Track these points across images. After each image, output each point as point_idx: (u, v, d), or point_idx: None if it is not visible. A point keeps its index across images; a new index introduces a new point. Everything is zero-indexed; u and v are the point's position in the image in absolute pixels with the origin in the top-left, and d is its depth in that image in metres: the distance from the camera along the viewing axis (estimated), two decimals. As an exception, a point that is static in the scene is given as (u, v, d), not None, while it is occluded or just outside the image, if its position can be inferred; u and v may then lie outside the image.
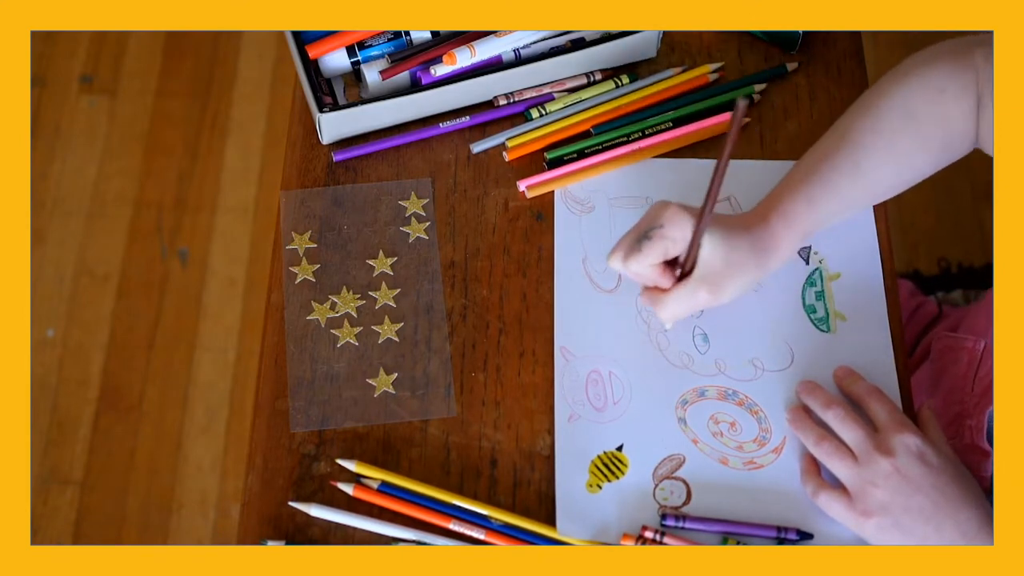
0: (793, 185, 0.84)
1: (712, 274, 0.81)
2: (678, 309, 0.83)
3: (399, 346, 0.88)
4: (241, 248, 1.81)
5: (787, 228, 0.83)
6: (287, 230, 0.93)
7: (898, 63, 0.87)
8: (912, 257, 1.70)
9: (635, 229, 0.82)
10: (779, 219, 0.83)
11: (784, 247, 0.83)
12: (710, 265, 0.80)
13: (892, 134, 0.84)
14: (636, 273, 0.82)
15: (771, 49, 1.01)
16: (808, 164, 0.85)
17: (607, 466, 0.83)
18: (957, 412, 0.92)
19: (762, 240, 0.82)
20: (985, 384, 0.91)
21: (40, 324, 1.75)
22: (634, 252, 0.80)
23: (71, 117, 1.92)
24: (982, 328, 0.94)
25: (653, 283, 0.83)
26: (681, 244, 0.80)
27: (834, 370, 0.86)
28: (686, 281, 0.82)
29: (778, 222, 0.83)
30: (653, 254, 0.80)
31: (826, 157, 0.85)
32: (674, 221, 0.79)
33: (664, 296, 0.83)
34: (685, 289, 0.81)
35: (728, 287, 0.81)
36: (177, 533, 1.62)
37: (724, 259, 0.80)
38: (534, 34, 0.96)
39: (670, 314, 0.83)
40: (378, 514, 0.81)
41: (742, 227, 0.82)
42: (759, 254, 0.82)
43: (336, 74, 0.97)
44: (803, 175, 0.85)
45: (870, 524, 0.77)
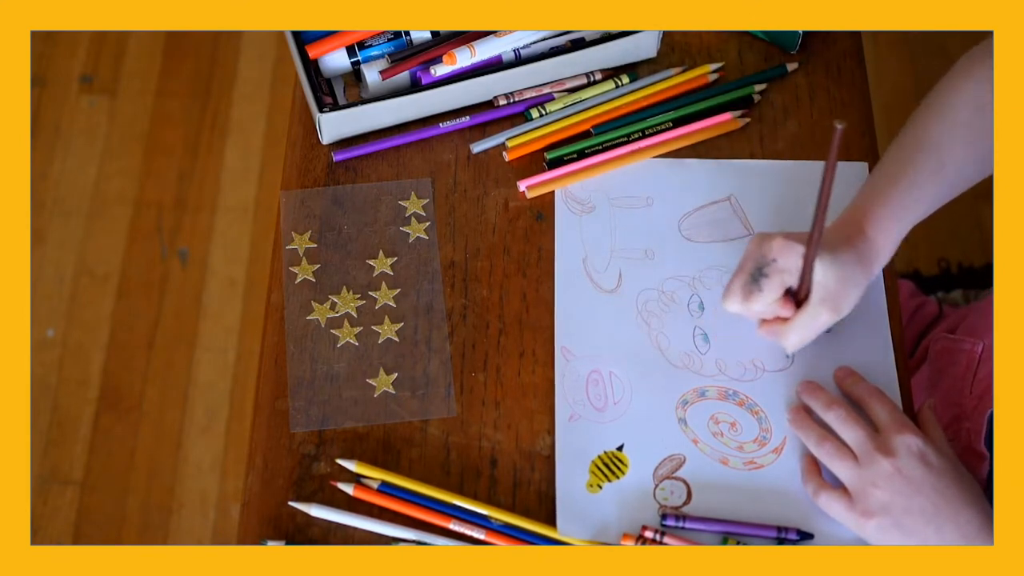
0: (882, 190, 0.85)
1: (829, 295, 0.81)
2: (804, 335, 0.83)
3: (399, 346, 0.88)
4: (241, 248, 1.81)
5: (885, 236, 0.84)
6: (287, 230, 0.93)
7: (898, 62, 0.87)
8: (912, 257, 1.70)
9: (744, 268, 0.82)
10: (876, 228, 0.83)
11: (885, 254, 0.84)
12: (826, 287, 0.81)
13: (967, 128, 0.84)
14: (757, 312, 0.83)
15: (771, 49, 1.01)
16: (891, 168, 0.86)
17: (607, 466, 0.83)
18: (955, 415, 0.92)
19: (866, 252, 0.83)
20: (983, 387, 0.91)
21: (40, 324, 1.74)
22: (754, 292, 0.81)
23: (71, 117, 1.92)
24: (980, 330, 0.94)
25: (772, 315, 0.84)
26: (796, 273, 0.81)
27: (834, 370, 0.86)
28: (805, 307, 0.82)
29: (876, 231, 0.83)
30: (774, 291, 0.81)
31: (909, 160, 0.85)
32: (784, 253, 0.80)
33: (787, 327, 0.83)
34: (807, 315, 0.82)
35: (846, 302, 0.82)
36: (177, 533, 1.62)
37: (837, 278, 0.81)
38: (534, 34, 0.96)
39: (796, 342, 0.84)
40: (378, 514, 0.81)
41: (845, 243, 0.82)
42: (865, 265, 0.83)
43: (336, 74, 0.97)
44: (889, 180, 0.85)
45: (870, 525, 0.77)
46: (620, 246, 0.92)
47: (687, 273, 0.91)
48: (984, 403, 0.90)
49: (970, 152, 0.85)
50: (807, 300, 0.82)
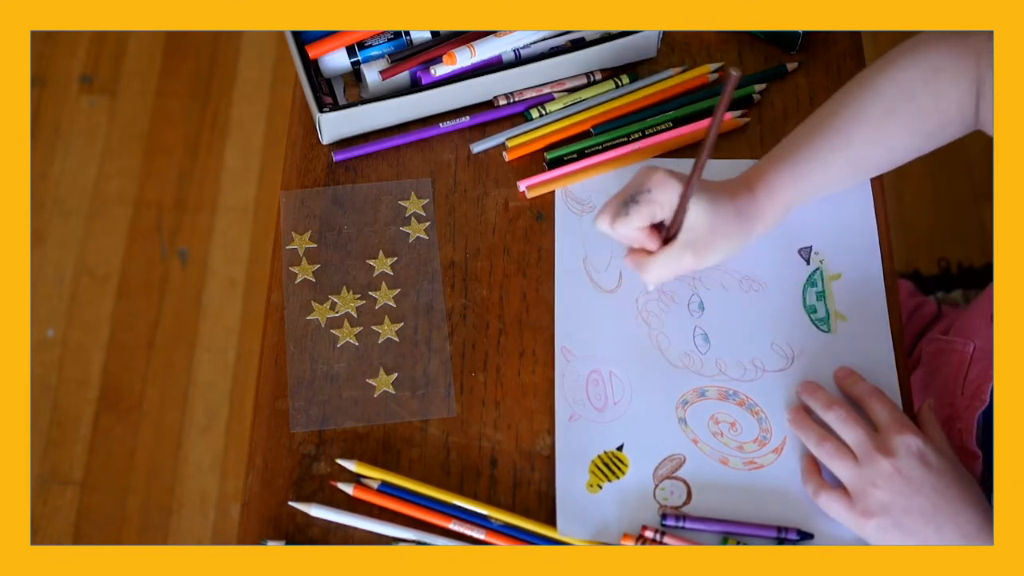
0: (781, 156, 0.85)
1: (697, 239, 0.82)
2: (662, 272, 0.84)
3: (399, 346, 0.88)
4: (241, 248, 1.81)
5: (771, 198, 0.84)
6: (287, 230, 0.93)
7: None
8: (912, 257, 1.70)
9: (623, 192, 0.83)
10: (764, 189, 0.84)
11: (768, 216, 0.85)
12: (695, 231, 0.82)
13: (885, 112, 0.85)
14: (622, 235, 0.83)
15: (771, 49, 1.01)
16: (798, 136, 0.86)
17: (607, 466, 0.83)
18: (948, 415, 0.92)
19: (746, 209, 0.83)
20: (974, 387, 0.91)
21: (40, 324, 1.75)
22: (621, 215, 0.82)
23: (71, 117, 1.92)
24: (972, 330, 0.94)
25: (639, 245, 0.84)
26: (668, 209, 0.81)
27: (835, 370, 0.86)
28: (671, 245, 0.83)
29: (763, 192, 0.84)
30: (640, 218, 0.81)
31: (816, 130, 0.85)
32: (662, 186, 0.81)
33: (649, 259, 0.84)
34: (670, 253, 0.83)
35: (711, 252, 0.83)
36: (177, 533, 1.62)
37: (709, 225, 0.81)
38: (534, 34, 0.96)
39: (654, 277, 0.85)
40: (378, 514, 0.81)
41: (727, 194, 0.83)
42: (743, 222, 0.83)
43: (336, 74, 0.97)
44: (792, 147, 0.86)
45: (870, 525, 0.77)
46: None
47: (687, 273, 0.91)
48: (975, 403, 0.90)
49: (881, 137, 0.85)
50: (674, 239, 0.82)
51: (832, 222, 0.92)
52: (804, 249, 0.91)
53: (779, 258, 0.91)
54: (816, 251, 0.91)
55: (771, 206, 0.84)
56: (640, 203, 0.81)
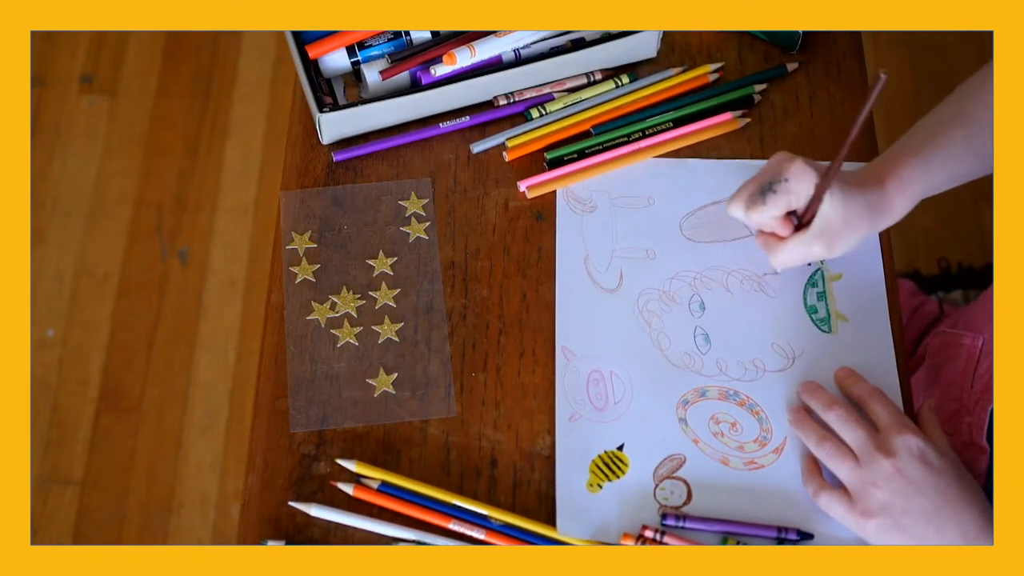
0: (909, 149, 0.86)
1: (829, 229, 0.83)
2: (792, 257, 0.86)
3: (399, 346, 0.88)
4: (241, 248, 1.81)
5: (901, 191, 0.85)
6: (287, 230, 0.93)
7: (898, 62, 0.87)
8: (912, 257, 1.70)
9: (758, 178, 0.84)
10: (894, 182, 0.84)
11: (897, 209, 0.85)
12: (828, 221, 0.83)
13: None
14: (756, 222, 0.85)
15: (771, 49, 1.01)
16: (923, 130, 0.87)
17: (608, 466, 0.83)
18: (955, 409, 0.92)
19: (878, 201, 0.84)
20: (984, 381, 0.91)
21: (40, 324, 1.74)
22: (757, 203, 0.83)
23: (71, 117, 1.92)
24: (980, 324, 0.94)
25: (770, 230, 0.86)
26: (804, 198, 0.83)
27: (835, 371, 0.86)
28: (803, 232, 0.84)
29: (893, 185, 0.84)
30: (777, 207, 0.83)
31: (942, 125, 0.86)
32: (800, 176, 0.82)
33: (780, 244, 0.85)
34: (802, 240, 0.84)
35: (842, 243, 0.84)
36: (177, 533, 1.62)
37: (842, 217, 0.83)
38: (534, 34, 0.96)
39: (783, 261, 0.86)
40: (378, 514, 0.81)
41: (859, 187, 0.84)
42: (874, 214, 0.84)
43: (336, 74, 0.97)
44: (919, 141, 0.86)
45: (871, 525, 0.77)
46: (621, 246, 0.92)
47: (688, 273, 0.91)
48: (986, 397, 0.90)
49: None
50: (807, 227, 0.84)
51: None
52: (804, 249, 0.91)
53: (779, 258, 0.91)
54: (816, 251, 0.91)
55: (901, 199, 0.85)
56: (777, 192, 0.82)
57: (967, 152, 0.86)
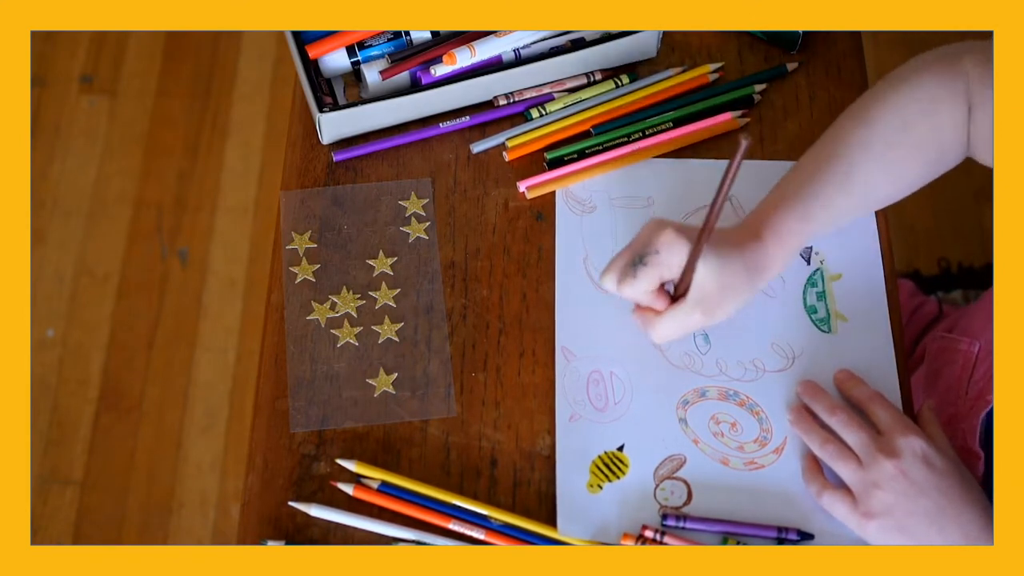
0: (785, 199, 0.83)
1: (706, 297, 0.80)
2: (671, 331, 0.82)
3: (399, 346, 0.88)
4: (241, 248, 1.81)
5: (780, 245, 0.82)
6: (287, 230, 0.93)
7: (898, 63, 0.87)
8: (912, 257, 1.70)
9: (629, 250, 0.81)
10: (772, 236, 0.82)
11: (777, 264, 0.83)
12: (704, 289, 0.80)
13: (885, 145, 0.83)
14: (629, 297, 0.82)
15: (771, 49, 1.01)
16: (800, 176, 0.84)
17: (608, 466, 0.83)
18: (951, 414, 0.92)
19: (755, 259, 0.81)
20: (979, 388, 0.91)
21: (40, 324, 1.74)
22: (628, 277, 0.80)
23: (71, 117, 1.92)
24: (977, 330, 0.94)
25: (646, 304, 0.83)
26: (676, 269, 0.79)
27: (835, 373, 0.86)
28: (680, 304, 0.81)
29: (771, 239, 0.82)
30: (648, 281, 0.80)
31: (818, 169, 0.83)
32: (670, 247, 0.79)
33: (658, 318, 0.82)
34: (679, 312, 0.81)
35: (721, 309, 0.81)
36: (177, 533, 1.62)
37: (718, 282, 0.79)
38: (534, 34, 0.96)
39: (663, 335, 0.83)
40: (378, 514, 0.81)
41: (735, 246, 0.81)
42: (752, 273, 0.81)
43: (336, 74, 0.97)
44: (796, 188, 0.83)
45: (873, 526, 0.77)
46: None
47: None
48: (980, 403, 0.90)
49: (884, 170, 0.83)
50: (683, 297, 0.81)
51: (832, 222, 0.92)
52: (804, 249, 0.91)
53: (779, 258, 0.91)
54: (816, 251, 0.91)
55: (781, 252, 0.82)
56: (648, 265, 0.79)
57: (845, 197, 0.83)
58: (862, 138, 0.83)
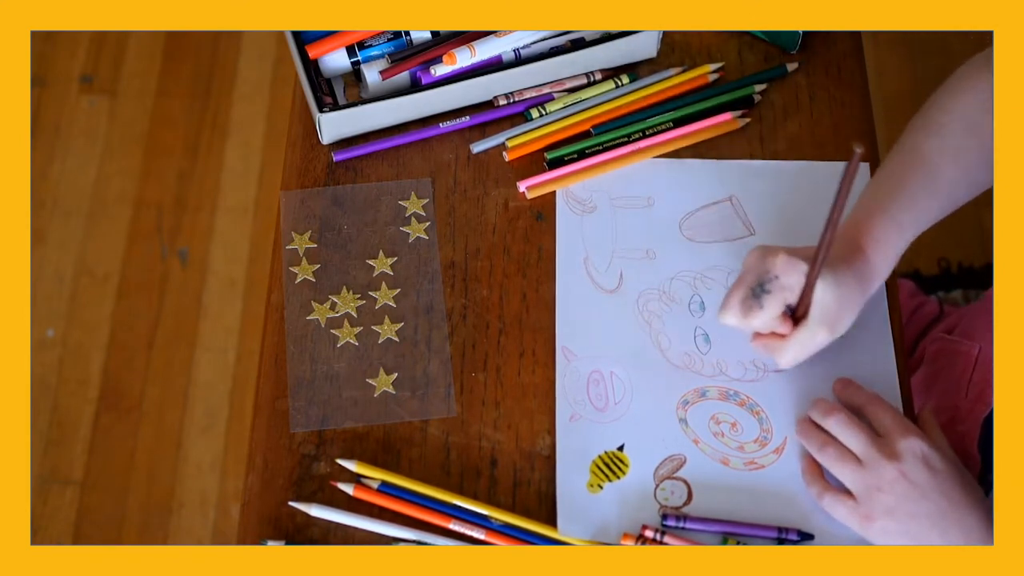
0: (877, 210, 0.84)
1: (828, 314, 0.80)
2: (800, 353, 0.83)
3: (399, 346, 0.88)
4: (241, 248, 1.81)
5: (883, 255, 0.83)
6: (287, 230, 0.93)
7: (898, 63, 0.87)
8: (912, 257, 1.69)
9: (743, 282, 0.81)
10: (874, 248, 0.83)
11: (883, 272, 0.84)
12: (825, 306, 0.80)
13: (958, 150, 0.84)
14: (755, 327, 0.82)
15: (771, 49, 1.01)
16: (885, 186, 0.85)
17: (608, 466, 0.83)
18: (950, 417, 0.92)
19: (864, 271, 0.82)
20: (978, 390, 0.91)
21: (40, 324, 1.74)
22: (754, 308, 0.80)
23: (71, 117, 1.92)
24: (978, 332, 0.94)
25: (769, 330, 0.83)
26: (797, 291, 0.80)
27: (833, 383, 0.85)
28: (804, 325, 0.81)
29: (874, 251, 0.83)
30: (774, 307, 0.80)
31: (903, 176, 0.85)
32: (787, 270, 0.79)
33: (784, 343, 0.82)
34: (805, 333, 0.81)
35: (843, 322, 0.81)
36: (177, 533, 1.62)
37: (837, 298, 0.80)
38: (534, 34, 0.96)
39: (791, 359, 0.83)
40: (378, 514, 0.81)
41: (844, 262, 0.82)
42: (864, 285, 0.82)
43: (336, 74, 0.97)
44: (884, 199, 0.84)
45: (875, 528, 0.77)
46: (621, 246, 0.92)
47: (688, 273, 0.91)
48: (979, 407, 0.90)
49: (961, 171, 0.85)
50: (805, 318, 0.81)
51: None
52: (804, 249, 0.91)
53: (779, 258, 0.91)
54: (816, 251, 0.91)
55: (884, 261, 0.83)
56: (772, 292, 0.80)
57: (934, 198, 0.85)
58: (936, 146, 0.85)
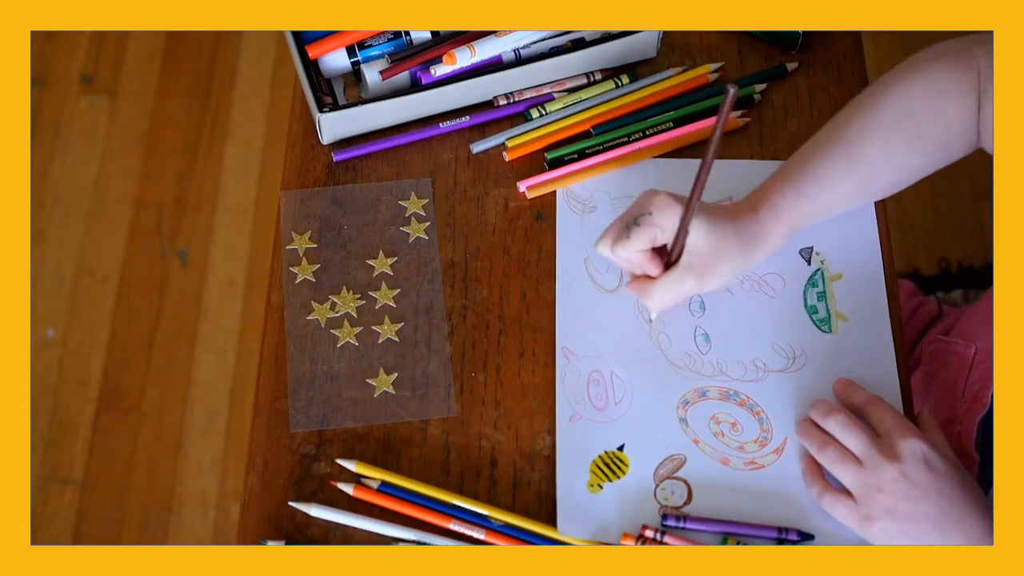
0: (785, 177, 0.85)
1: (699, 262, 0.81)
2: (665, 297, 0.83)
3: (399, 346, 0.88)
4: (241, 248, 1.81)
5: (775, 219, 0.83)
6: (287, 230, 0.93)
7: (898, 63, 0.87)
8: (912, 257, 1.70)
9: (623, 216, 0.82)
10: (768, 210, 0.83)
11: (772, 238, 0.84)
12: (697, 253, 0.81)
13: (889, 132, 0.84)
14: (624, 259, 0.83)
15: (771, 49, 1.01)
16: (802, 157, 0.86)
17: (608, 466, 0.83)
18: (947, 417, 0.92)
19: (749, 230, 0.83)
20: (976, 390, 0.91)
21: (40, 324, 1.74)
22: (622, 239, 0.81)
23: (71, 117, 1.92)
24: (974, 333, 0.94)
25: (641, 270, 0.84)
26: (669, 232, 0.81)
27: (833, 384, 0.85)
28: (673, 269, 0.82)
29: (767, 213, 0.83)
30: (641, 241, 0.81)
31: (820, 151, 0.85)
32: (663, 209, 0.80)
33: (651, 284, 0.83)
34: (672, 277, 0.82)
35: (714, 275, 0.82)
36: (177, 533, 1.62)
37: (711, 247, 0.81)
38: (534, 34, 0.96)
39: (658, 302, 0.84)
40: (378, 514, 0.81)
41: (729, 217, 0.83)
42: (746, 243, 0.83)
43: (336, 74, 0.97)
44: (796, 167, 0.85)
45: (875, 528, 0.77)
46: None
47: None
48: (976, 407, 0.90)
49: (886, 157, 0.84)
50: (676, 263, 0.82)
51: (833, 223, 0.92)
52: (805, 250, 0.91)
53: (780, 258, 0.91)
54: (817, 251, 0.91)
55: (775, 227, 0.84)
56: (641, 225, 0.80)
57: (844, 179, 0.84)
58: (866, 123, 0.84)
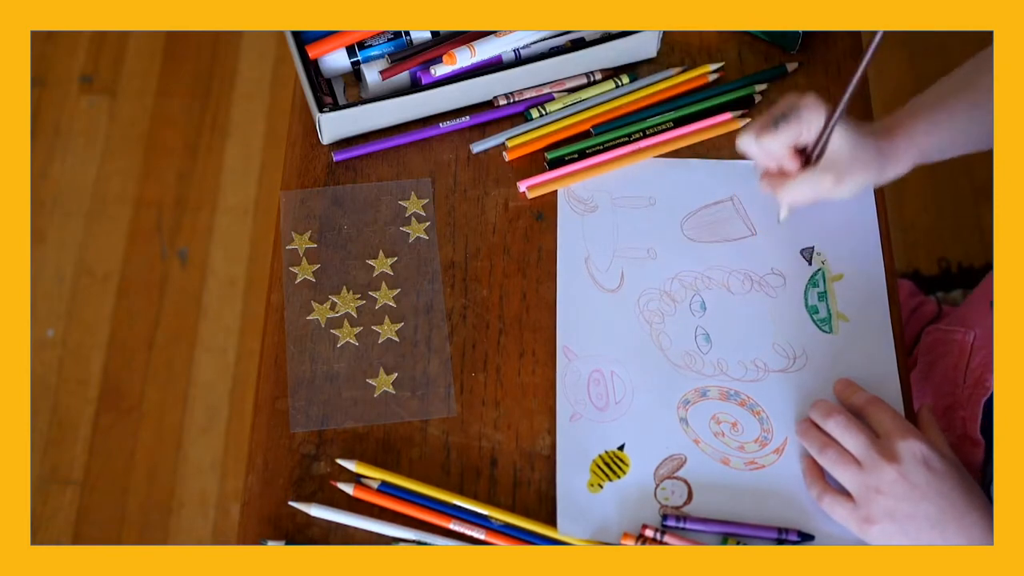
0: (918, 108, 0.88)
1: (838, 165, 0.84)
2: (801, 194, 0.86)
3: (399, 346, 0.88)
4: (241, 248, 1.81)
5: (909, 142, 0.87)
6: (287, 230, 0.93)
7: (898, 63, 0.88)
8: (912, 257, 1.70)
9: (770, 112, 0.85)
10: (903, 133, 0.86)
11: (903, 160, 0.87)
12: (838, 156, 0.84)
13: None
14: (767, 151, 0.85)
15: (771, 49, 1.01)
16: (935, 92, 0.89)
17: (608, 466, 0.83)
18: (949, 404, 0.92)
19: (885, 148, 0.86)
20: (977, 375, 0.91)
21: (40, 324, 1.74)
22: (769, 131, 0.83)
23: (71, 117, 1.92)
24: (972, 320, 0.94)
25: (778, 165, 0.86)
26: (814, 132, 0.84)
27: (834, 384, 0.86)
28: (812, 167, 0.85)
29: (901, 135, 0.86)
30: (788, 135, 0.83)
31: (949, 91, 0.88)
32: (811, 108, 0.83)
33: (788, 181, 0.86)
34: (811, 175, 0.85)
35: (850, 180, 0.85)
36: (177, 533, 1.62)
37: (851, 153, 0.84)
38: (534, 34, 0.96)
39: (792, 198, 0.87)
40: (378, 514, 0.81)
41: (870, 132, 0.86)
42: (880, 159, 0.86)
43: (336, 74, 0.97)
44: (929, 102, 0.88)
45: (874, 530, 0.77)
46: (622, 246, 0.92)
47: (689, 273, 0.91)
48: (978, 391, 0.90)
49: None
50: (816, 161, 0.85)
51: (834, 223, 0.92)
52: (806, 250, 0.91)
53: (781, 258, 0.91)
54: (818, 252, 0.91)
55: (906, 150, 0.86)
56: (790, 122, 0.83)
57: (970, 122, 0.87)
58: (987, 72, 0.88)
